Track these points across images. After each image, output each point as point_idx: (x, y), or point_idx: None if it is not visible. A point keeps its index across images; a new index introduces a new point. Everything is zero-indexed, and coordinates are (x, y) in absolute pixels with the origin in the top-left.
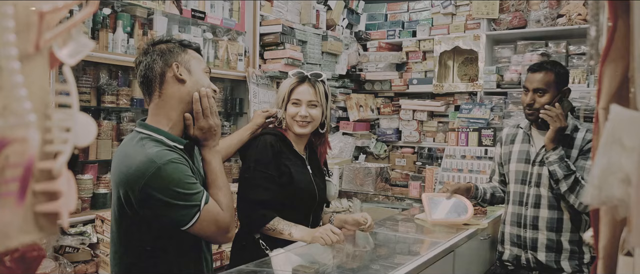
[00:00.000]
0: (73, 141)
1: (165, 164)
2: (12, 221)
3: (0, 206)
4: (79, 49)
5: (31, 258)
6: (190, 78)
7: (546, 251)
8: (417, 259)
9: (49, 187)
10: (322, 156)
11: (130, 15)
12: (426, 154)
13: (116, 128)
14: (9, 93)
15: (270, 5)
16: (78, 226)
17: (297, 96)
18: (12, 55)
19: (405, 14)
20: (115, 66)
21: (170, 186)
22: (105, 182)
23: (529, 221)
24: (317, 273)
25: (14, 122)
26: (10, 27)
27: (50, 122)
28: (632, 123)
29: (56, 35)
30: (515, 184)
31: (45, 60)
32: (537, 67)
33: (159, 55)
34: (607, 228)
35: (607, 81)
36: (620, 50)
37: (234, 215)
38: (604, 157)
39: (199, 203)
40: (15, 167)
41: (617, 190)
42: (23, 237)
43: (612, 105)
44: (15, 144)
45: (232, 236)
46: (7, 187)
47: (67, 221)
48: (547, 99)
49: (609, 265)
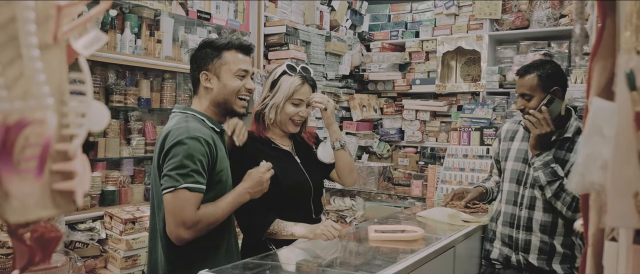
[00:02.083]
0: (88, 125)
1: (192, 138)
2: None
3: (21, 180)
4: (93, 41)
5: (49, 238)
6: (217, 84)
7: (538, 254)
8: (417, 254)
9: (65, 168)
10: (308, 139)
11: (137, 16)
12: (429, 154)
13: (124, 127)
14: (30, 78)
15: (274, 6)
16: (87, 222)
17: (299, 96)
18: (33, 44)
19: (408, 14)
20: (122, 66)
21: (181, 153)
22: (113, 180)
23: (523, 222)
24: (320, 266)
25: (34, 105)
26: (32, 18)
27: (66, 108)
28: (611, 114)
29: (73, 28)
30: (510, 183)
31: (63, 51)
32: (522, 71)
33: (195, 62)
34: (595, 217)
35: (596, 77)
36: (609, 47)
37: (200, 231)
38: (586, 146)
39: (180, 182)
40: (34, 146)
41: (597, 176)
42: (41, 211)
43: (594, 97)
44: (34, 125)
45: (179, 239)
46: (27, 164)
47: (81, 200)
48: (534, 103)
49: (598, 252)
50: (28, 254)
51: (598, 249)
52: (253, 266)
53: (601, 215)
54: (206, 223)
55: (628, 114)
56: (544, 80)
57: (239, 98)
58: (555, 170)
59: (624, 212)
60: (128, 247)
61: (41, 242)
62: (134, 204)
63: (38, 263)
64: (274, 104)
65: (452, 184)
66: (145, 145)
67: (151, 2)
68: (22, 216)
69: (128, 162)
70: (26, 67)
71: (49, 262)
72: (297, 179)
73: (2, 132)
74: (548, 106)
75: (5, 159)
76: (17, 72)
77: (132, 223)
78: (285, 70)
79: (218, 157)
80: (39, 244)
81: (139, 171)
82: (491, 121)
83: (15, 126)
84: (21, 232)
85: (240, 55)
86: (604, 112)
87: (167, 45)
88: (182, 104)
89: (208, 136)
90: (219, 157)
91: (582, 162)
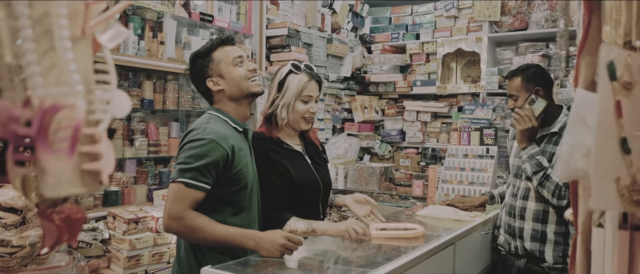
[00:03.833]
0: (112, 112)
1: (205, 137)
2: (64, 172)
3: (55, 160)
4: (116, 35)
5: (75, 219)
6: (224, 81)
7: (531, 240)
8: (418, 250)
9: (92, 150)
10: (314, 138)
11: (140, 18)
12: (430, 155)
13: (127, 128)
14: (62, 67)
15: (276, 9)
16: (91, 222)
17: (308, 92)
18: (65, 36)
19: (409, 17)
20: (126, 67)
21: (191, 150)
22: (116, 181)
23: (518, 211)
24: (322, 263)
25: (67, 91)
26: (64, 14)
27: (92, 96)
28: (594, 104)
29: (98, 23)
30: (511, 177)
31: (89, 44)
32: (510, 75)
33: (196, 77)
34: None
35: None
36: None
37: (184, 228)
38: (570, 135)
39: (179, 176)
40: (66, 129)
41: (581, 163)
42: (72, 189)
43: (578, 89)
44: (66, 110)
45: (165, 227)
46: (60, 145)
47: (106, 179)
48: (520, 102)
49: (587, 239)
50: (57, 234)
51: (587, 236)
52: (255, 263)
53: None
54: (190, 225)
55: (609, 103)
56: (527, 82)
57: (250, 81)
58: (541, 161)
59: (607, 195)
60: (131, 247)
61: (68, 222)
62: (137, 205)
63: (65, 241)
64: (284, 103)
65: (453, 184)
66: (148, 146)
67: (154, 3)
68: (55, 192)
69: (131, 163)
70: (59, 58)
71: (75, 241)
72: (309, 179)
73: (40, 116)
74: (531, 104)
75: (42, 140)
76: (50, 62)
77: (135, 223)
78: (291, 69)
79: (235, 157)
80: (66, 224)
81: (142, 172)
82: (491, 121)
83: (50, 110)
84: (50, 213)
85: (227, 48)
86: (587, 102)
87: (170, 47)
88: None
89: (225, 137)
90: (237, 157)
91: (566, 151)
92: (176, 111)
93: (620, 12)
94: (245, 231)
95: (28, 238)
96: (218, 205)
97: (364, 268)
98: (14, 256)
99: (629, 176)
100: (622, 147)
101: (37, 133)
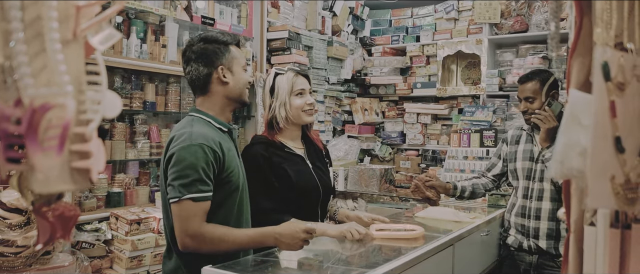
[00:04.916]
0: (102, 112)
1: (194, 145)
2: (53, 168)
3: (44, 157)
4: (108, 37)
5: (69, 216)
6: (232, 78)
7: (546, 239)
8: (417, 250)
9: (82, 148)
10: (317, 141)
11: (143, 21)
12: (430, 156)
13: (129, 130)
14: (52, 69)
15: (277, 12)
16: (93, 223)
17: (299, 86)
18: (56, 39)
19: (409, 19)
20: (128, 70)
21: (183, 161)
22: (119, 182)
23: (533, 212)
24: (321, 263)
25: (56, 91)
26: (54, 17)
27: (83, 96)
28: (588, 104)
29: (90, 26)
30: (523, 180)
31: (81, 46)
32: (525, 79)
33: (205, 57)
34: (577, 204)
35: (575, 73)
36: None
37: (204, 244)
38: (565, 135)
39: (183, 194)
40: (56, 127)
41: (576, 162)
42: (61, 185)
43: (571, 90)
44: (56, 109)
45: (183, 246)
46: (49, 143)
47: (96, 177)
48: (537, 104)
49: (579, 238)
50: (50, 231)
51: (579, 235)
52: (255, 263)
53: (582, 200)
54: (211, 239)
55: (604, 103)
56: (543, 85)
57: (247, 89)
58: None
59: (603, 194)
60: (133, 247)
61: (62, 219)
62: (139, 206)
63: (58, 238)
64: (280, 103)
65: None
66: (150, 148)
67: (156, 7)
68: (45, 188)
69: (133, 165)
70: (49, 59)
71: (68, 238)
72: (308, 183)
73: (29, 114)
74: (549, 106)
75: (32, 137)
76: (41, 63)
77: (138, 223)
78: (276, 72)
79: (225, 158)
80: (60, 221)
81: (144, 173)
82: (491, 123)
83: (40, 109)
84: (45, 210)
85: (240, 50)
86: (581, 103)
87: (172, 50)
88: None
89: (213, 139)
90: (227, 158)
91: (560, 150)
92: (178, 113)
93: (611, 14)
94: (263, 229)
95: (32, 238)
96: (209, 212)
97: (364, 268)
98: (19, 256)
99: (623, 174)
100: (616, 147)
101: (26, 130)
